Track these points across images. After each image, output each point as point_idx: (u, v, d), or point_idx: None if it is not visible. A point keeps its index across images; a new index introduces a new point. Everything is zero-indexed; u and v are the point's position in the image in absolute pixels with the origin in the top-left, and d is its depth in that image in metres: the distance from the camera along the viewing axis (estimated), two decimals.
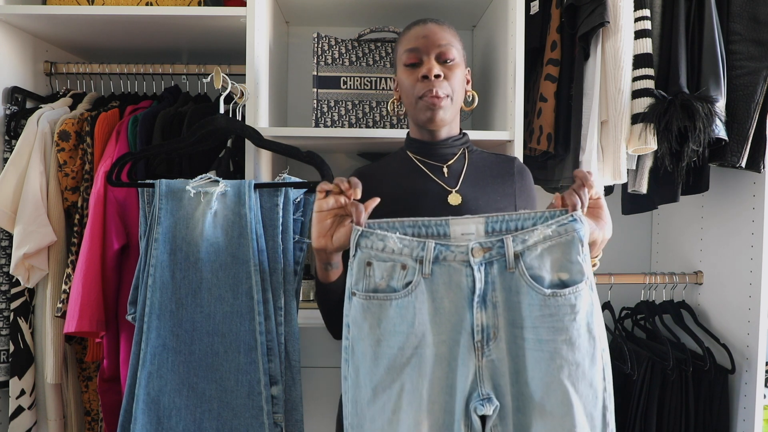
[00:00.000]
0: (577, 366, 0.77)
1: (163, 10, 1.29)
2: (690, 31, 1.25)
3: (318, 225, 0.88)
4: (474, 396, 0.79)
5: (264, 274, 1.05)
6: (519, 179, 1.06)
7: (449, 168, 1.04)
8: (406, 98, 1.03)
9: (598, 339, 0.80)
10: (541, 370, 0.78)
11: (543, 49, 1.38)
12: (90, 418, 1.39)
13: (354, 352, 0.82)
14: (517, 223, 0.82)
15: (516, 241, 0.80)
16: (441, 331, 0.81)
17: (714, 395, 1.37)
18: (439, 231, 0.83)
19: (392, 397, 0.80)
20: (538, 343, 0.78)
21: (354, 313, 0.82)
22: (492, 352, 0.80)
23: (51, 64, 1.49)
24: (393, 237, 0.81)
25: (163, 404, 1.02)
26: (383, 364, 0.80)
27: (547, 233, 0.80)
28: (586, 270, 0.79)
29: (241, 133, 1.16)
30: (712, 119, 1.16)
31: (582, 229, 0.80)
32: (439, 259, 0.81)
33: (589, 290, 0.80)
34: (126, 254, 1.24)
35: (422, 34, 1.00)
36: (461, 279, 0.81)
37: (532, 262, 0.79)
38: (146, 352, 1.02)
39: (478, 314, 0.80)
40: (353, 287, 0.82)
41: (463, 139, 1.07)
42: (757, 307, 1.30)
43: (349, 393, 0.83)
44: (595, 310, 0.80)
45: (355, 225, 0.83)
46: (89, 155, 1.29)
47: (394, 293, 0.81)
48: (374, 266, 0.82)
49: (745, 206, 1.34)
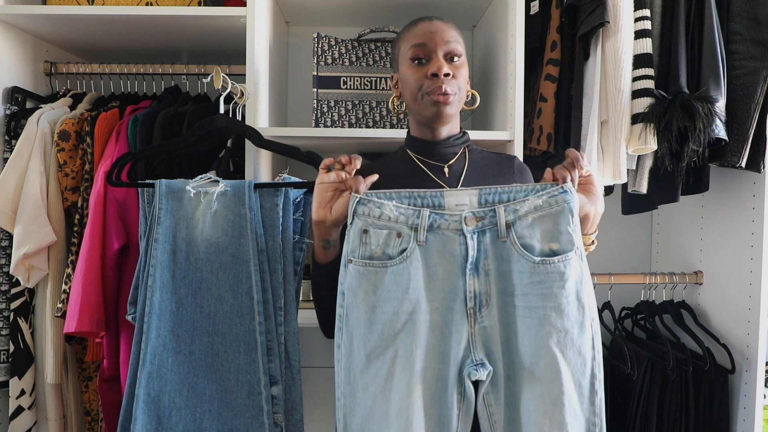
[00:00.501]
0: (565, 333, 0.79)
1: (163, 10, 1.29)
2: (690, 31, 1.25)
3: (319, 196, 0.90)
4: (467, 362, 0.81)
5: (264, 274, 1.05)
6: (519, 178, 1.06)
7: (450, 168, 1.04)
8: (409, 94, 1.02)
9: (587, 308, 0.81)
10: (530, 336, 0.80)
11: (543, 49, 1.38)
12: (90, 418, 1.39)
13: (348, 319, 0.84)
14: (510, 194, 0.84)
15: (507, 211, 0.82)
16: (434, 298, 0.83)
17: (714, 395, 1.37)
18: (434, 201, 0.85)
19: (385, 364, 0.81)
20: (527, 310, 0.80)
21: (350, 279, 0.84)
22: (484, 318, 0.82)
23: (51, 64, 1.49)
24: (389, 205, 0.84)
25: (163, 404, 1.02)
26: (377, 330, 0.82)
27: (538, 203, 0.82)
28: (576, 240, 0.81)
29: (241, 133, 1.16)
30: (712, 119, 1.16)
31: (572, 200, 0.82)
32: (434, 227, 0.83)
33: (578, 260, 0.82)
34: (126, 254, 1.24)
35: (430, 30, 0.99)
36: (455, 247, 0.83)
37: (523, 231, 0.82)
38: (146, 352, 1.02)
39: (470, 281, 0.82)
40: (350, 254, 0.84)
41: (463, 138, 1.07)
42: (757, 307, 1.30)
43: (342, 361, 0.84)
44: (584, 280, 0.82)
45: (354, 193, 0.85)
46: (89, 155, 1.29)
47: (390, 260, 0.83)
48: (370, 234, 0.84)
49: (745, 206, 1.34)
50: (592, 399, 0.80)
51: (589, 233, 0.93)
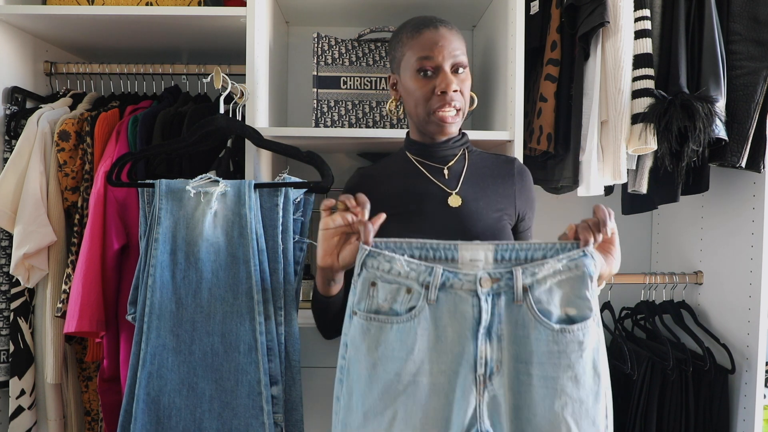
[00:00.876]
0: (581, 403, 0.76)
1: (163, 10, 1.29)
2: (690, 31, 1.25)
3: (324, 243, 0.86)
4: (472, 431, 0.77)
5: (264, 274, 1.05)
6: (519, 180, 1.06)
7: (449, 169, 1.03)
8: (413, 106, 1.00)
9: (602, 377, 0.79)
10: (545, 406, 0.76)
11: (543, 49, 1.38)
12: (90, 418, 1.39)
13: (349, 373, 0.80)
14: (527, 252, 0.80)
15: (525, 274, 0.78)
16: (441, 360, 0.79)
17: (714, 395, 1.37)
18: (447, 255, 0.81)
19: (383, 425, 0.78)
20: (543, 380, 0.77)
21: (353, 332, 0.80)
22: (495, 386, 0.78)
23: (51, 64, 1.49)
24: (401, 259, 0.79)
25: (163, 404, 1.02)
26: (377, 388, 0.78)
27: (558, 267, 0.78)
28: (594, 306, 0.78)
29: (241, 133, 1.16)
30: (712, 119, 1.16)
31: (592, 264, 0.78)
32: (446, 285, 0.79)
33: (596, 327, 0.79)
34: (126, 254, 1.24)
35: (436, 41, 0.96)
36: (467, 308, 0.78)
37: (541, 296, 0.78)
38: (146, 352, 1.02)
39: (482, 346, 0.78)
40: (355, 306, 0.81)
41: (462, 139, 1.07)
42: (757, 307, 1.30)
43: (339, 414, 0.81)
44: (600, 347, 0.79)
45: (363, 244, 0.81)
46: (89, 155, 1.29)
47: (397, 317, 0.79)
48: (378, 287, 0.80)
49: (745, 206, 1.34)
50: None
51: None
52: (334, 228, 0.85)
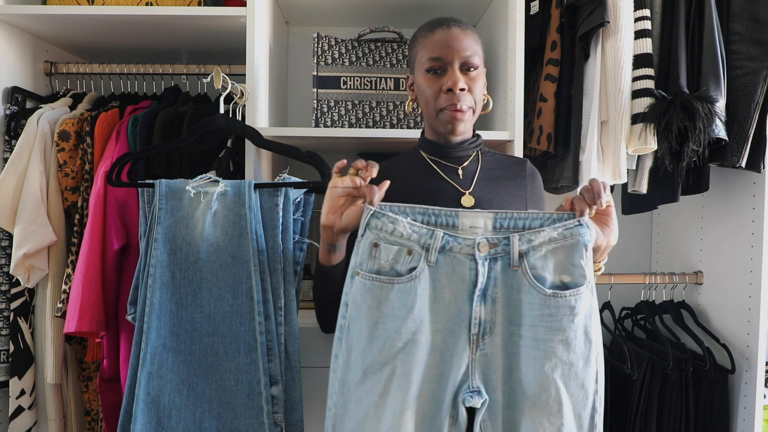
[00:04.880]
0: (570, 366, 0.79)
1: (163, 10, 1.29)
2: (690, 31, 1.25)
3: (330, 200, 0.88)
4: (464, 387, 0.80)
5: (264, 274, 1.05)
6: (531, 182, 1.06)
7: (464, 170, 1.04)
8: (425, 105, 1.02)
9: (594, 342, 0.81)
10: (535, 367, 0.79)
11: (543, 49, 1.38)
12: (90, 418, 1.39)
13: (349, 331, 0.83)
14: (525, 221, 0.83)
15: (522, 240, 0.81)
16: (438, 320, 0.82)
17: (714, 395, 1.37)
18: (448, 221, 0.84)
19: (381, 380, 0.80)
20: (534, 342, 0.79)
21: (354, 292, 0.82)
22: (486, 346, 0.81)
23: (51, 64, 1.49)
24: (404, 221, 0.82)
25: (163, 404, 1.02)
26: (377, 346, 0.81)
27: (553, 235, 0.81)
28: (588, 274, 0.81)
29: (241, 133, 1.16)
30: (712, 119, 1.16)
31: (587, 234, 0.81)
32: (446, 249, 0.82)
33: (589, 294, 0.81)
34: (126, 254, 1.24)
35: (446, 41, 0.98)
36: (464, 271, 0.82)
37: (536, 262, 0.81)
38: (146, 352, 1.02)
39: (477, 308, 0.81)
40: (357, 266, 0.83)
41: (477, 141, 1.07)
42: (757, 307, 1.30)
43: (338, 372, 0.83)
44: (593, 314, 0.82)
45: (368, 205, 0.83)
46: (89, 155, 1.29)
47: (398, 277, 0.81)
48: (381, 248, 0.82)
49: (745, 206, 1.34)
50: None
51: (598, 261, 0.92)
52: (342, 187, 0.87)
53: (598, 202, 0.83)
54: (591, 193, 0.83)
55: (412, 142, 1.31)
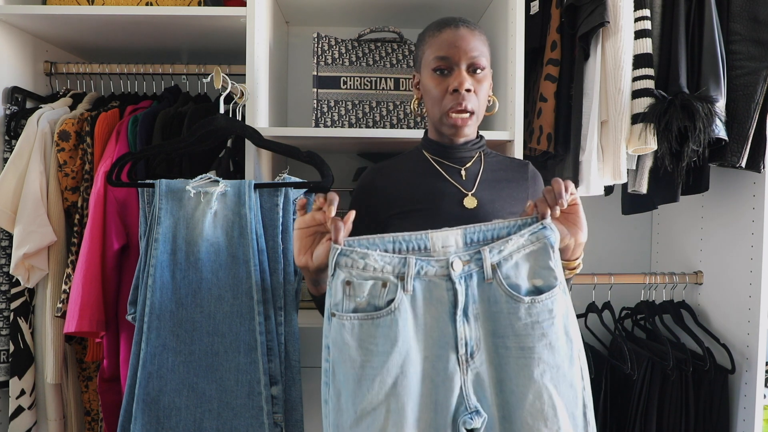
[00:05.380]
0: (557, 368, 0.79)
1: (163, 10, 1.29)
2: (690, 31, 1.25)
3: (298, 242, 0.86)
4: (461, 410, 0.78)
5: (264, 274, 1.05)
6: (532, 184, 1.06)
7: (467, 170, 1.04)
8: (431, 105, 1.01)
9: (574, 340, 0.81)
10: (525, 375, 0.78)
11: (543, 49, 1.38)
12: (90, 418, 1.39)
13: (335, 374, 0.80)
14: (494, 232, 0.83)
15: (493, 252, 0.81)
16: (424, 347, 0.80)
17: (714, 395, 1.37)
18: (419, 244, 0.82)
19: (377, 420, 0.78)
20: (520, 351, 0.79)
21: (334, 334, 0.80)
22: (477, 364, 0.80)
23: (51, 64, 1.49)
24: (374, 254, 0.80)
25: (163, 404, 1.02)
26: (366, 386, 0.78)
27: (521, 242, 0.82)
28: (559, 275, 0.81)
29: (241, 133, 1.16)
30: (712, 119, 1.16)
31: (552, 235, 0.82)
32: (420, 274, 0.80)
33: (563, 294, 0.82)
34: (126, 254, 1.24)
35: (453, 41, 0.97)
36: (442, 293, 0.80)
37: (509, 271, 0.81)
38: (146, 352, 1.02)
39: (461, 328, 0.80)
40: (333, 308, 0.80)
41: (480, 142, 1.07)
42: (757, 307, 1.30)
43: (330, 417, 0.81)
44: (569, 313, 0.82)
45: (334, 243, 0.80)
46: (89, 155, 1.29)
47: (376, 311, 0.79)
48: (354, 285, 0.79)
49: (745, 206, 1.34)
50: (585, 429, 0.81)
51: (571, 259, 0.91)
52: (305, 227, 0.85)
53: (560, 203, 0.82)
54: (552, 194, 0.83)
55: (412, 142, 1.31)
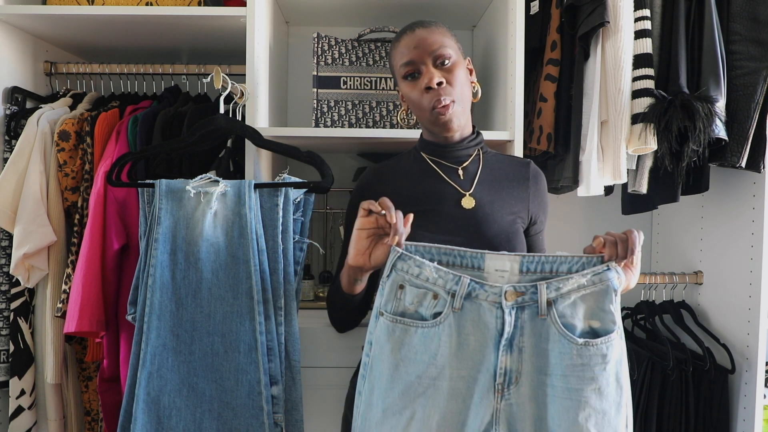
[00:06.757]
0: (603, 414, 0.77)
1: (163, 10, 1.29)
2: (690, 31, 1.25)
3: (357, 243, 0.88)
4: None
5: (264, 274, 1.05)
6: (533, 184, 1.05)
7: (464, 170, 1.03)
8: (416, 111, 1.02)
9: (624, 388, 0.80)
10: (568, 418, 0.77)
11: (543, 49, 1.38)
12: (90, 418, 1.39)
13: (372, 370, 0.83)
14: (552, 265, 0.82)
15: (550, 288, 0.80)
16: (462, 366, 0.80)
17: (714, 395, 1.37)
18: (473, 263, 0.83)
19: (401, 423, 0.80)
20: (566, 392, 0.78)
21: (378, 332, 0.82)
22: (512, 396, 0.79)
23: (51, 64, 1.49)
24: (430, 266, 0.81)
25: (163, 404, 1.02)
26: (398, 388, 0.80)
27: (582, 282, 0.79)
28: (617, 319, 0.79)
29: (241, 133, 1.16)
30: (712, 119, 1.16)
31: (616, 279, 0.80)
32: (472, 295, 0.81)
33: (619, 339, 0.80)
34: (126, 254, 1.24)
35: (413, 45, 0.98)
36: (490, 319, 0.80)
37: (565, 310, 0.79)
38: (146, 352, 1.02)
39: (503, 357, 0.79)
40: (382, 307, 0.82)
41: (477, 139, 1.06)
42: (757, 307, 1.30)
43: (360, 408, 0.84)
44: (623, 359, 0.80)
45: (395, 246, 0.83)
46: (89, 155, 1.29)
47: (422, 321, 0.81)
48: (406, 290, 0.82)
49: (745, 206, 1.34)
50: None
51: None
52: (367, 228, 0.87)
53: (630, 259, 0.81)
54: (625, 246, 0.80)
55: (412, 142, 1.31)
